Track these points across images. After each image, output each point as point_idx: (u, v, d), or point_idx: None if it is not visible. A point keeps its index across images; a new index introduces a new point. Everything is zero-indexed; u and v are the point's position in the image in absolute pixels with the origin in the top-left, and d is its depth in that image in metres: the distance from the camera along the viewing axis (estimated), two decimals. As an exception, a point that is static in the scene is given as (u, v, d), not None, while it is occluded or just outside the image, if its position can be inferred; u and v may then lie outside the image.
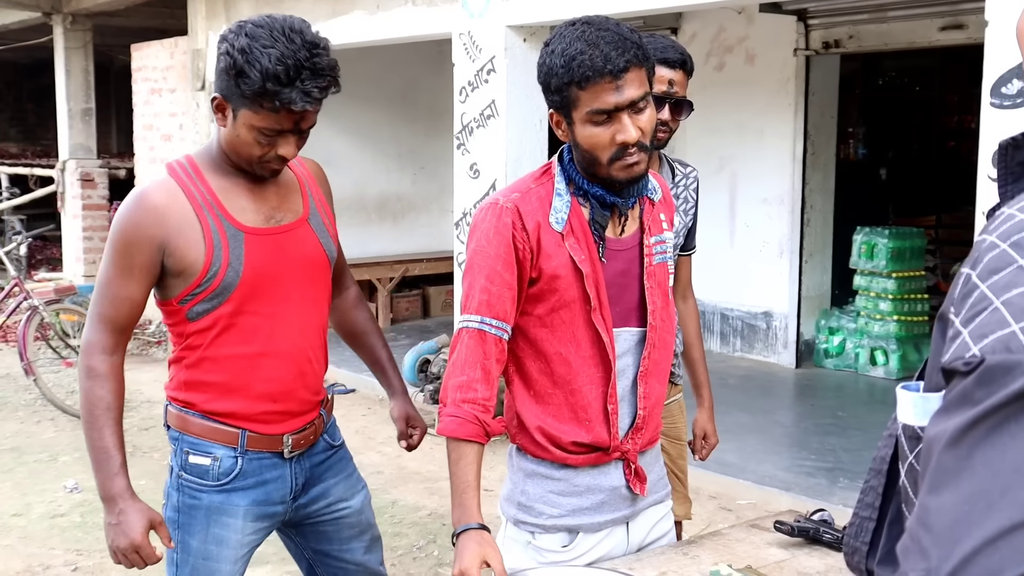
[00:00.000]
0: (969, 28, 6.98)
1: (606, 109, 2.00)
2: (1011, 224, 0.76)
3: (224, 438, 2.36)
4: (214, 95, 2.25)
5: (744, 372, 8.05)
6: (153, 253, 2.25)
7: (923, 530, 0.69)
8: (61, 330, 8.02)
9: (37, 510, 5.32)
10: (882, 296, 7.92)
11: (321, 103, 2.20)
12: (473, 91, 6.67)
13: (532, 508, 2.22)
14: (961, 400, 0.70)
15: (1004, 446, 0.67)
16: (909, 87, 11.06)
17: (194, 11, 9.21)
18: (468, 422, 2.08)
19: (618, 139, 2.02)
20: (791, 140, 8.08)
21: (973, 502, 0.67)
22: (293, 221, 2.38)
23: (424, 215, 10.61)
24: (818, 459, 5.97)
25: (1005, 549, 0.64)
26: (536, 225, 2.10)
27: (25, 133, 17.63)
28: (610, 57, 1.97)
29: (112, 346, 2.31)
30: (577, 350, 2.14)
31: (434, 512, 5.28)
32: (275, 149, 2.23)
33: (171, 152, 9.80)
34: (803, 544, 2.32)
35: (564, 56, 2.00)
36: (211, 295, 2.28)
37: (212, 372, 2.35)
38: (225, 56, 2.17)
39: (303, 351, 2.41)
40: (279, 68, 2.10)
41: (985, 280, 0.74)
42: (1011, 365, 0.68)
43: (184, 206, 2.26)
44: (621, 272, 2.17)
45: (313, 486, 2.51)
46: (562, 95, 2.04)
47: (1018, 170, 0.87)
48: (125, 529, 2.25)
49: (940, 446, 0.70)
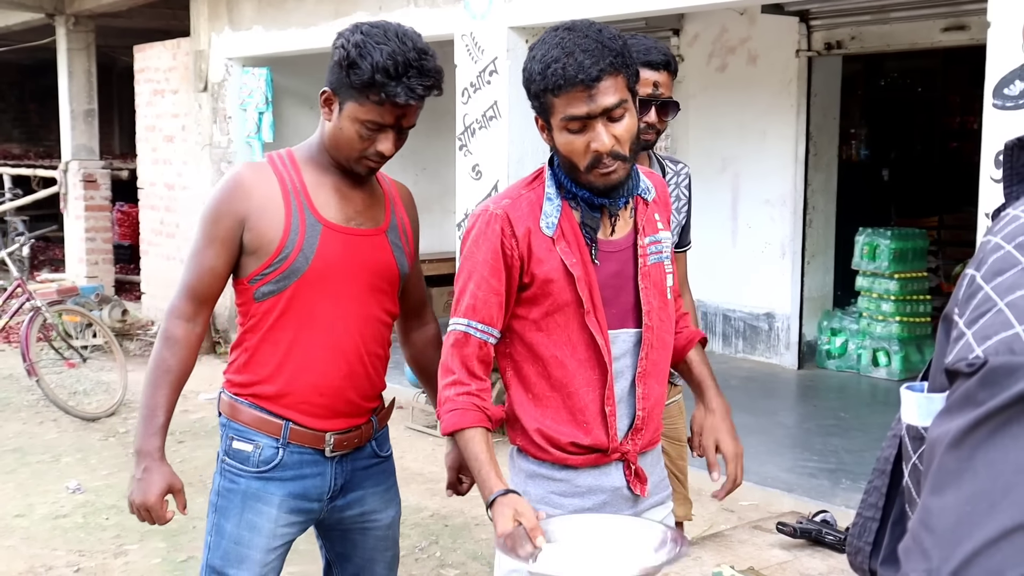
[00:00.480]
0: (971, 29, 6.98)
1: (579, 116, 2.03)
2: (1016, 225, 0.76)
3: (268, 428, 2.42)
4: (323, 89, 2.35)
5: (746, 373, 8.05)
6: (235, 226, 2.35)
7: (925, 531, 0.69)
8: (64, 331, 8.02)
9: (40, 511, 5.32)
10: (884, 297, 7.92)
11: (423, 101, 2.30)
12: (475, 92, 6.67)
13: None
14: (964, 401, 0.70)
15: (1006, 447, 0.67)
16: (911, 88, 11.06)
17: (196, 12, 9.22)
18: (468, 411, 2.13)
19: (592, 147, 2.04)
20: (793, 141, 8.08)
21: (975, 503, 0.67)
22: (372, 228, 2.46)
23: (426, 216, 10.49)
24: (820, 460, 5.97)
25: (1007, 550, 0.64)
26: (526, 231, 2.13)
27: (28, 134, 17.65)
28: (584, 65, 1.99)
29: (191, 313, 2.42)
30: (573, 353, 2.15)
31: (436, 513, 5.28)
32: (375, 144, 2.32)
33: (174, 153, 9.81)
34: (805, 545, 2.32)
35: (542, 63, 2.04)
36: (279, 277, 2.36)
37: (268, 353, 2.41)
38: (340, 50, 2.29)
39: (357, 352, 2.44)
40: (389, 63, 2.22)
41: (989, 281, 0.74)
42: (1014, 367, 0.68)
43: (273, 188, 2.37)
44: (615, 274, 2.18)
45: (351, 491, 2.53)
46: (540, 101, 2.08)
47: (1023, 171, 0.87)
48: (144, 487, 2.37)
49: (943, 447, 0.70)
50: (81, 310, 8.02)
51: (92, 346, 8.32)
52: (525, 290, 2.16)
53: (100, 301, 9.48)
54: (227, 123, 9.05)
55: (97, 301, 9.41)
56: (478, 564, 4.64)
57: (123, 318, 9.45)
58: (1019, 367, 0.68)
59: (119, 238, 12.61)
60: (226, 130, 9.07)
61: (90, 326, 8.28)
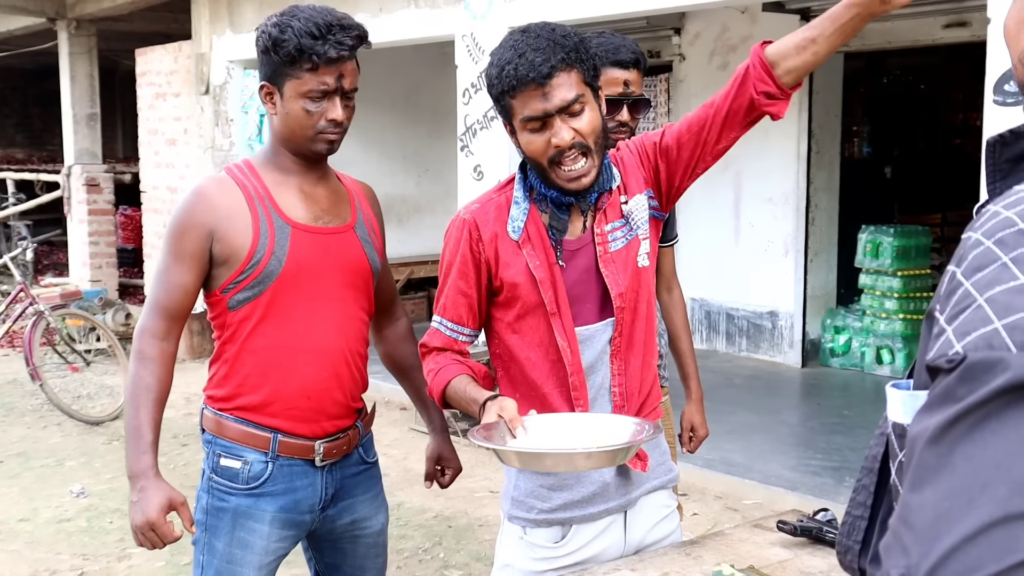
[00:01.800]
0: (973, 26, 6.97)
1: (536, 116, 2.04)
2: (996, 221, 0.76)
3: (256, 442, 2.39)
4: (261, 83, 2.36)
5: (750, 372, 8.04)
6: (203, 240, 2.33)
7: (904, 527, 0.69)
8: (67, 335, 8.03)
9: (44, 515, 5.33)
10: (887, 295, 7.91)
11: (354, 56, 2.31)
12: (476, 93, 6.68)
13: (524, 502, 2.24)
14: (944, 397, 0.71)
15: (985, 442, 0.67)
16: (914, 85, 11.05)
17: (198, 16, 9.24)
18: (446, 367, 2.19)
19: (552, 143, 2.05)
20: (795, 139, 8.07)
21: (953, 498, 0.67)
22: (340, 225, 2.45)
23: (429, 217, 10.62)
24: (824, 458, 5.96)
25: (984, 545, 0.64)
26: (493, 235, 2.16)
27: (31, 139, 17.69)
28: (535, 64, 2.00)
29: (164, 332, 2.38)
30: (545, 355, 2.18)
31: (440, 514, 5.28)
32: (324, 115, 2.31)
33: (176, 156, 9.83)
34: (806, 544, 2.31)
35: (497, 66, 2.06)
36: (253, 283, 2.34)
37: (249, 364, 2.39)
38: (261, 37, 2.31)
39: (340, 351, 2.43)
40: (310, 26, 2.25)
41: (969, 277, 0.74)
42: (993, 362, 0.68)
43: (236, 196, 2.36)
44: (584, 269, 2.18)
45: (342, 499, 2.51)
46: (501, 105, 2.10)
47: (1006, 167, 0.87)
48: (143, 506, 2.29)
49: (922, 443, 0.70)
50: (84, 314, 8.03)
51: (96, 350, 8.33)
52: (497, 294, 2.19)
53: (103, 305, 9.50)
54: (229, 126, 9.07)
55: (100, 305, 9.43)
56: (481, 565, 4.64)
57: (126, 322, 9.45)
58: (998, 362, 0.68)
59: (122, 242, 12.63)
60: (228, 133, 9.08)
61: (93, 330, 8.29)
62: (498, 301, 2.20)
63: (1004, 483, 0.66)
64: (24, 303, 7.50)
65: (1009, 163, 0.87)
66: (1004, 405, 0.67)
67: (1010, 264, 0.72)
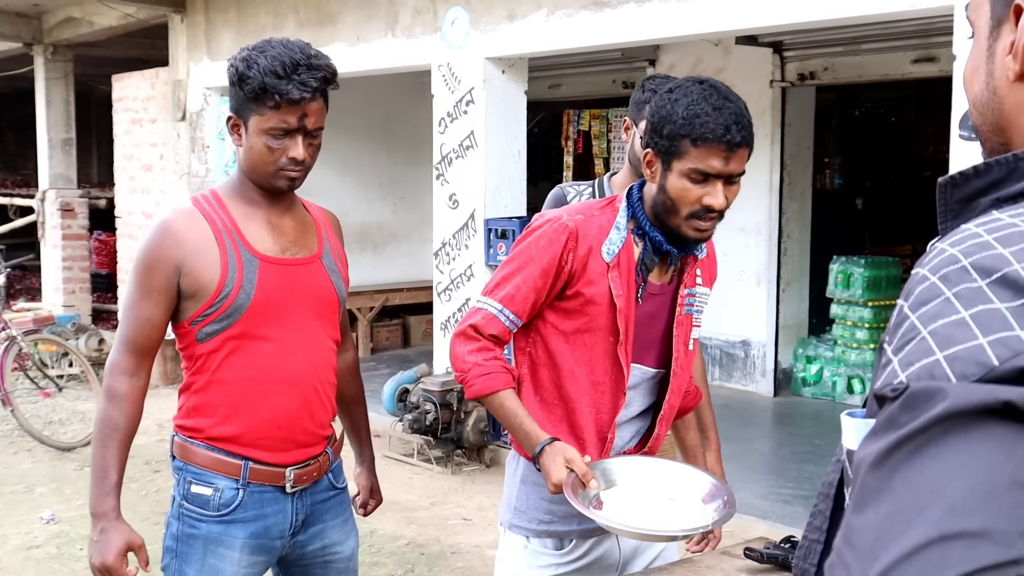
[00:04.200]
0: (941, 61, 7.09)
1: (709, 172, 2.10)
2: (942, 258, 0.81)
3: (227, 469, 2.39)
4: (228, 115, 2.37)
5: (723, 401, 8.08)
6: (170, 274, 2.33)
7: (847, 547, 0.73)
8: (39, 360, 7.99)
9: (13, 541, 5.29)
10: (859, 325, 7.98)
11: (321, 97, 2.32)
12: (452, 122, 6.73)
13: (525, 513, 2.32)
14: (887, 424, 0.74)
15: (923, 467, 0.71)
16: (885, 118, 11.19)
17: (175, 42, 9.26)
18: (499, 374, 2.22)
19: (705, 201, 2.12)
20: (768, 170, 8.16)
21: (892, 520, 0.71)
22: (307, 256, 2.46)
23: (404, 245, 10.65)
24: (795, 487, 6.00)
25: (919, 563, 0.68)
26: (588, 250, 2.22)
27: (5, 163, 17.61)
28: (731, 129, 2.07)
29: (133, 368, 2.38)
30: (590, 373, 2.25)
31: (412, 541, 5.28)
32: (286, 152, 2.31)
33: (152, 182, 9.82)
34: (773, 570, 2.35)
35: (689, 110, 2.09)
36: (221, 316, 2.34)
37: (219, 395, 2.39)
38: (230, 69, 2.32)
39: (310, 381, 2.44)
40: (276, 64, 2.24)
41: (915, 311, 0.78)
42: (933, 391, 0.72)
43: (203, 230, 2.36)
44: (650, 314, 2.28)
45: (312, 524, 2.52)
46: (672, 143, 2.12)
47: (956, 207, 0.92)
48: (102, 548, 2.30)
49: (865, 467, 0.74)
50: (57, 339, 7.99)
51: (68, 375, 8.28)
52: (564, 301, 2.25)
53: (77, 330, 9.45)
54: (205, 152, 9.08)
55: (74, 330, 9.37)
56: (454, 592, 4.64)
57: (100, 347, 9.40)
58: (937, 392, 0.72)
59: (96, 267, 12.57)
60: (204, 159, 9.09)
61: (66, 355, 8.25)
62: (562, 307, 2.25)
63: (939, 506, 0.69)
64: (-4, 328, 7.45)
65: (959, 203, 0.91)
66: (942, 432, 0.71)
67: (952, 299, 0.77)
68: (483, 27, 6.52)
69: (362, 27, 7.36)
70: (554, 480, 2.07)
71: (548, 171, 10.86)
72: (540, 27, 6.19)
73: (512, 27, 6.34)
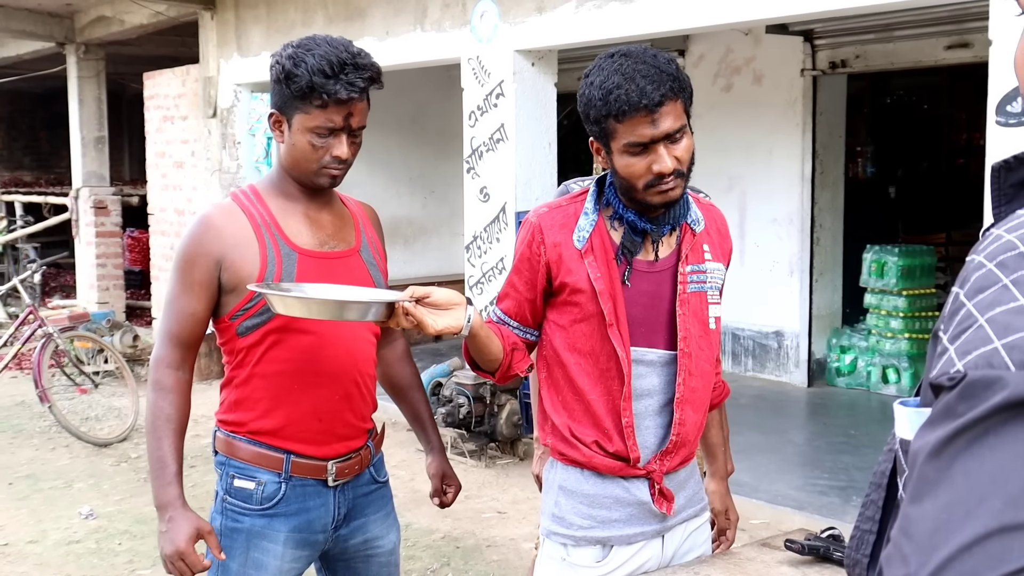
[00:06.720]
0: (975, 47, 7.01)
1: (642, 142, 2.07)
2: (998, 244, 0.79)
3: (269, 463, 2.40)
4: (270, 112, 2.38)
5: (756, 392, 8.05)
6: (211, 268, 2.35)
7: (904, 538, 0.72)
8: (75, 357, 8.07)
9: (52, 536, 5.34)
10: (893, 314, 7.92)
11: (366, 96, 2.33)
12: (482, 115, 6.72)
13: (564, 519, 2.28)
14: (944, 414, 0.73)
15: (982, 457, 0.70)
16: (917, 105, 11.09)
17: (205, 39, 9.31)
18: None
19: (654, 169, 2.09)
20: (799, 160, 8.11)
21: (951, 510, 0.70)
22: (345, 249, 2.47)
23: (435, 239, 10.66)
24: (831, 478, 5.96)
25: (979, 555, 0.67)
26: (558, 241, 2.22)
27: (39, 162, 17.77)
28: (646, 91, 2.03)
29: (178, 361, 2.40)
30: (595, 363, 2.22)
31: (448, 535, 5.29)
32: (330, 151, 2.33)
33: (183, 179, 9.89)
34: (813, 562, 2.33)
35: (602, 89, 2.07)
36: (261, 310, 2.35)
37: (260, 388, 2.40)
38: (276, 67, 2.32)
39: (350, 374, 2.45)
40: (324, 63, 2.25)
41: (972, 299, 0.77)
42: (992, 380, 0.71)
43: (243, 224, 2.38)
44: (649, 294, 2.23)
45: (354, 519, 2.53)
46: (600, 126, 2.12)
47: (1010, 192, 0.90)
48: (172, 536, 2.30)
49: (923, 457, 0.73)
50: (92, 336, 8.06)
51: (103, 372, 8.36)
52: (556, 295, 2.25)
53: (111, 327, 9.53)
54: (236, 148, 9.12)
55: (108, 327, 9.46)
56: (489, 585, 4.65)
57: (134, 343, 9.49)
58: (996, 380, 0.71)
59: (130, 264, 12.69)
60: (235, 155, 9.14)
61: (101, 352, 8.32)
62: (556, 303, 2.27)
63: (999, 496, 0.68)
64: (33, 325, 7.53)
65: (1013, 188, 0.89)
66: (1002, 421, 0.70)
67: (1010, 286, 0.75)
68: (512, 19, 6.51)
69: (391, 21, 7.37)
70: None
71: (579, 163, 10.81)
72: (569, 19, 6.17)
73: (541, 19, 6.33)
